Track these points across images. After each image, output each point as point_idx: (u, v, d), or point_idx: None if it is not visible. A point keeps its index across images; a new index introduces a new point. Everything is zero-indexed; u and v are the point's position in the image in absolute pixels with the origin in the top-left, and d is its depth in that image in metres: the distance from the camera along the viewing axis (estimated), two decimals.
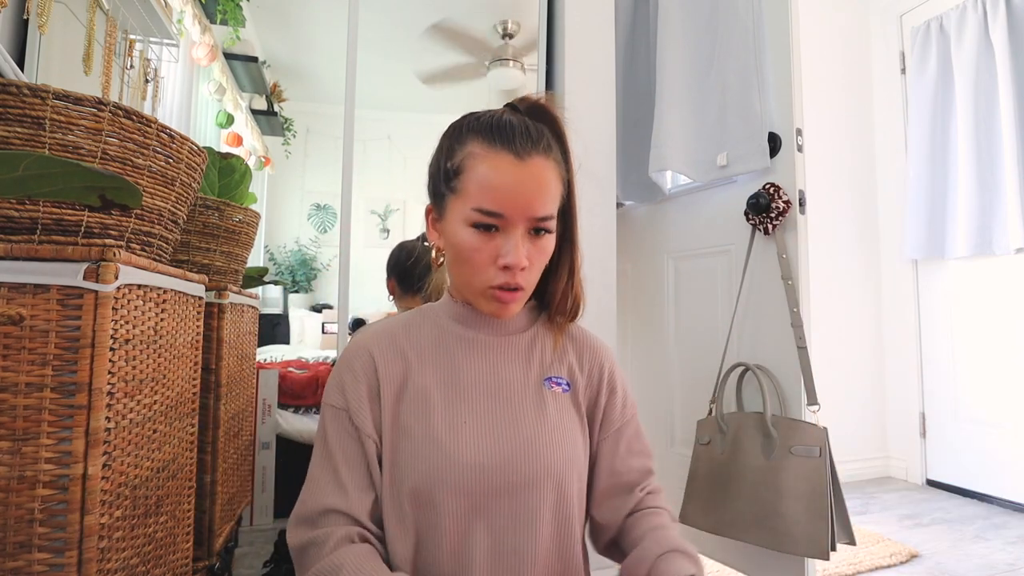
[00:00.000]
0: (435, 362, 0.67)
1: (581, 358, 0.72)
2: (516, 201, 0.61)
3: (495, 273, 0.63)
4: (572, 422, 0.68)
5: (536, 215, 0.62)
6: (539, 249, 0.64)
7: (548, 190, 0.63)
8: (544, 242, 0.65)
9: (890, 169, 2.77)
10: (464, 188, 0.63)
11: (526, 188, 0.61)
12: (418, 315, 0.73)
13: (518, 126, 0.63)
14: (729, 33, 1.50)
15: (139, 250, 0.77)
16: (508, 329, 0.71)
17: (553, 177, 0.64)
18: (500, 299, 0.64)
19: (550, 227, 0.64)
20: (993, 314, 2.34)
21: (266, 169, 3.89)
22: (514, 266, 0.62)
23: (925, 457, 2.58)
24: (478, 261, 0.63)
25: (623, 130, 1.76)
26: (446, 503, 0.60)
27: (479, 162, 0.62)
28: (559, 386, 0.69)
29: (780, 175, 1.36)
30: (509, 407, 0.66)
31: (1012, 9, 2.28)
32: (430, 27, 2.81)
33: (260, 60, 3.05)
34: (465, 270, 0.65)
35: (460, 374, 0.67)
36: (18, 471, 0.58)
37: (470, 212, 0.62)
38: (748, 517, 1.22)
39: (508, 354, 0.69)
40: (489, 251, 0.62)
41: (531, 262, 0.64)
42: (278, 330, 3.91)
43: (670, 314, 1.71)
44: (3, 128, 0.63)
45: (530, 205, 0.61)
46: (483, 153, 0.62)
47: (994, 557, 1.77)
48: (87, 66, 1.41)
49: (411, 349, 0.68)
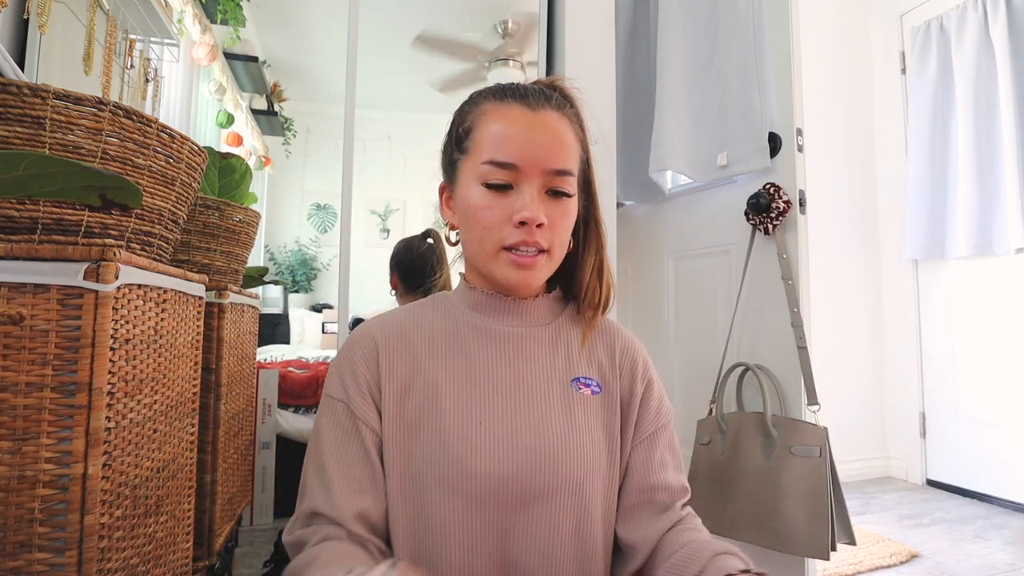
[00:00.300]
0: (447, 355, 0.61)
1: (612, 355, 0.65)
2: (530, 149, 0.56)
3: (510, 231, 0.57)
4: (601, 430, 0.61)
5: (552, 167, 0.57)
6: (561, 212, 0.58)
7: (564, 142, 0.59)
8: (565, 206, 0.59)
9: (890, 169, 2.76)
10: (475, 145, 0.59)
11: (540, 137, 0.57)
12: (430, 303, 0.66)
13: (530, 86, 0.61)
14: (729, 33, 1.50)
15: (139, 250, 0.77)
16: (530, 320, 0.64)
17: (569, 133, 0.60)
18: (518, 263, 0.57)
19: (569, 188, 0.59)
20: (993, 314, 2.34)
21: (266, 169, 3.89)
22: (531, 221, 0.56)
23: (925, 457, 2.58)
24: (491, 220, 0.57)
25: (623, 130, 1.76)
26: (455, 514, 0.54)
27: (489, 118, 0.59)
28: (588, 388, 0.62)
29: (780, 175, 1.36)
30: (529, 409, 0.58)
31: (1012, 9, 2.28)
32: (430, 28, 2.81)
33: (260, 60, 3.05)
34: (476, 233, 0.58)
35: (475, 370, 0.60)
36: (18, 471, 0.58)
37: (481, 168, 0.57)
38: (748, 517, 1.22)
39: (530, 348, 0.62)
40: (502, 208, 0.57)
41: (553, 223, 0.58)
42: (278, 330, 3.91)
43: (670, 314, 1.71)
44: (3, 128, 0.63)
45: (545, 155, 0.57)
46: (494, 109, 0.59)
47: (994, 557, 1.77)
48: (87, 66, 1.41)
49: (421, 341, 0.62)
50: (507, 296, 0.63)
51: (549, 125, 0.58)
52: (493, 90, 0.62)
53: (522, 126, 0.57)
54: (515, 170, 0.57)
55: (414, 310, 0.66)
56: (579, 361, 0.63)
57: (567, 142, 0.59)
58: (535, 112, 0.58)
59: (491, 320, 0.63)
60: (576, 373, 0.62)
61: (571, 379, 0.62)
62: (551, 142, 0.58)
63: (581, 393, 0.61)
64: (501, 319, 0.63)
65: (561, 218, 0.59)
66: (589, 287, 0.65)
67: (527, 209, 0.56)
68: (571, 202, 0.60)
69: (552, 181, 0.58)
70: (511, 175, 0.57)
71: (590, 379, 0.62)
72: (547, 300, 0.66)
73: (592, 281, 0.65)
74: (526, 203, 0.56)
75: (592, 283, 0.65)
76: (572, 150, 0.60)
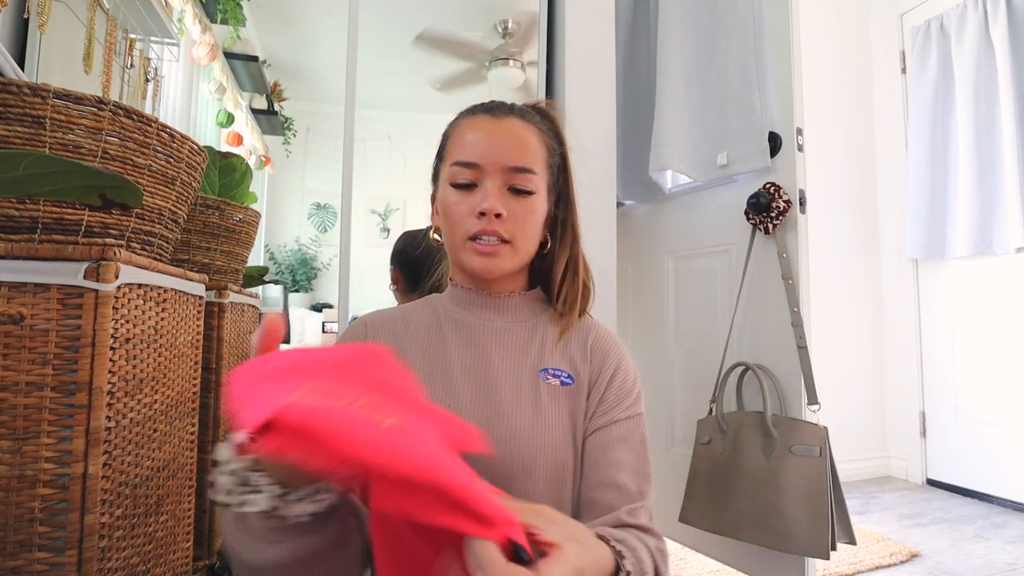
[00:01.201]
0: (426, 346, 0.66)
1: (585, 347, 0.66)
2: (491, 149, 0.63)
3: (472, 222, 0.63)
4: (567, 419, 0.62)
5: (511, 164, 0.63)
6: (524, 208, 0.64)
7: (525, 144, 0.65)
8: (529, 203, 0.64)
9: (890, 169, 2.76)
10: (448, 152, 0.67)
11: (500, 139, 0.64)
12: (423, 302, 0.72)
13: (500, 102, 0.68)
14: (729, 33, 1.50)
15: (139, 249, 0.77)
16: (509, 316, 0.68)
17: (532, 137, 0.66)
18: (479, 251, 0.63)
19: (530, 185, 0.64)
20: (993, 314, 2.34)
21: (266, 168, 3.88)
22: (488, 211, 0.61)
23: (925, 457, 2.58)
24: (458, 215, 0.64)
25: (623, 130, 1.76)
26: None
27: (460, 128, 0.67)
28: (557, 379, 0.63)
29: (780, 175, 1.36)
30: (497, 398, 0.61)
31: (1012, 9, 2.27)
32: (430, 27, 2.81)
33: (260, 59, 3.05)
34: (449, 228, 0.65)
35: (448, 359, 0.64)
36: (18, 470, 0.58)
37: (451, 169, 0.64)
38: (748, 517, 1.22)
39: (503, 341, 0.66)
40: (468, 204, 0.63)
41: (514, 217, 0.63)
42: None
43: (670, 314, 1.71)
44: (4, 127, 0.63)
45: (504, 154, 0.63)
46: (465, 121, 0.67)
47: (994, 557, 1.77)
48: (87, 65, 1.41)
49: (406, 332, 0.67)
50: (484, 291, 0.68)
51: (510, 129, 0.65)
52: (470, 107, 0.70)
53: (484, 131, 0.65)
54: (477, 168, 0.63)
55: (406, 307, 0.71)
56: (551, 355, 0.66)
57: (528, 144, 0.65)
58: (498, 119, 0.66)
59: (470, 314, 0.68)
60: (546, 365, 0.65)
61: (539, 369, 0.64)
62: (510, 143, 0.64)
63: (549, 383, 0.63)
64: (480, 313, 0.68)
65: (524, 213, 0.64)
66: (563, 284, 0.69)
67: (486, 200, 0.62)
68: (534, 199, 0.65)
69: (513, 178, 0.63)
70: (474, 174, 0.63)
71: (560, 371, 0.64)
72: (525, 298, 0.70)
73: (566, 278, 0.69)
74: (486, 196, 0.62)
75: (567, 280, 0.69)
76: (534, 152, 0.65)
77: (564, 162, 0.71)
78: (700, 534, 1.34)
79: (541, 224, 0.67)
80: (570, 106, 1.54)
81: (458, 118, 0.70)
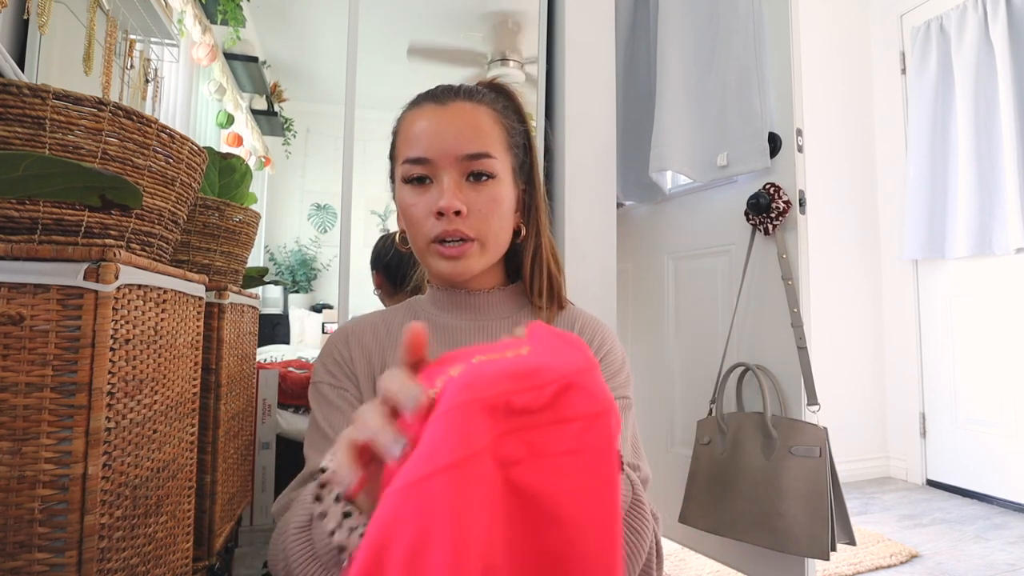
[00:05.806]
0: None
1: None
2: (440, 139, 0.58)
3: (432, 224, 0.58)
4: None
5: (464, 151, 0.58)
6: (486, 197, 0.59)
7: (477, 127, 0.59)
8: (490, 189, 0.59)
9: (890, 169, 2.76)
10: (397, 150, 0.62)
11: (449, 126, 0.58)
12: (403, 307, 0.70)
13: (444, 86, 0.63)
14: (729, 33, 1.50)
15: (139, 250, 0.77)
16: (487, 314, 0.66)
17: (485, 119, 0.60)
18: (444, 254, 0.59)
19: (490, 169, 0.59)
20: (993, 314, 2.34)
21: (266, 169, 3.89)
22: (446, 209, 0.56)
23: (925, 457, 2.58)
24: (417, 216, 0.59)
25: (623, 130, 1.76)
26: None
27: (406, 122, 0.62)
28: None
29: (780, 175, 1.36)
30: None
31: (1012, 9, 2.28)
32: (429, 27, 2.81)
33: (260, 60, 3.05)
34: (410, 232, 0.61)
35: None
36: (18, 471, 0.58)
37: (402, 167, 0.60)
38: (748, 517, 1.22)
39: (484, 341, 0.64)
40: (424, 203, 0.59)
41: (477, 209, 0.58)
42: (278, 330, 3.91)
43: (670, 314, 1.71)
44: (3, 128, 0.63)
45: (455, 142, 0.58)
46: (410, 113, 0.62)
47: (994, 557, 1.77)
48: (87, 66, 1.41)
49: (388, 336, 0.65)
50: (460, 289, 0.65)
51: (458, 114, 0.59)
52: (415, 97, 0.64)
53: (430, 120, 0.59)
54: (429, 163, 0.58)
55: (387, 313, 0.69)
56: None
57: (481, 127, 0.60)
58: (444, 105, 0.60)
59: (449, 316, 0.65)
60: None
61: None
62: (460, 129, 0.59)
63: None
64: (458, 314, 0.65)
65: (487, 204, 0.59)
66: (533, 274, 0.65)
67: (442, 198, 0.57)
68: (495, 184, 0.60)
69: (469, 166, 0.59)
70: (427, 168, 0.59)
71: None
72: (505, 293, 0.67)
73: (534, 267, 0.65)
74: (442, 193, 0.58)
75: (535, 269, 0.65)
76: (488, 134, 0.60)
77: (528, 140, 0.65)
78: (700, 535, 1.34)
79: (509, 213, 0.63)
80: (570, 106, 1.54)
81: (403, 111, 0.64)
